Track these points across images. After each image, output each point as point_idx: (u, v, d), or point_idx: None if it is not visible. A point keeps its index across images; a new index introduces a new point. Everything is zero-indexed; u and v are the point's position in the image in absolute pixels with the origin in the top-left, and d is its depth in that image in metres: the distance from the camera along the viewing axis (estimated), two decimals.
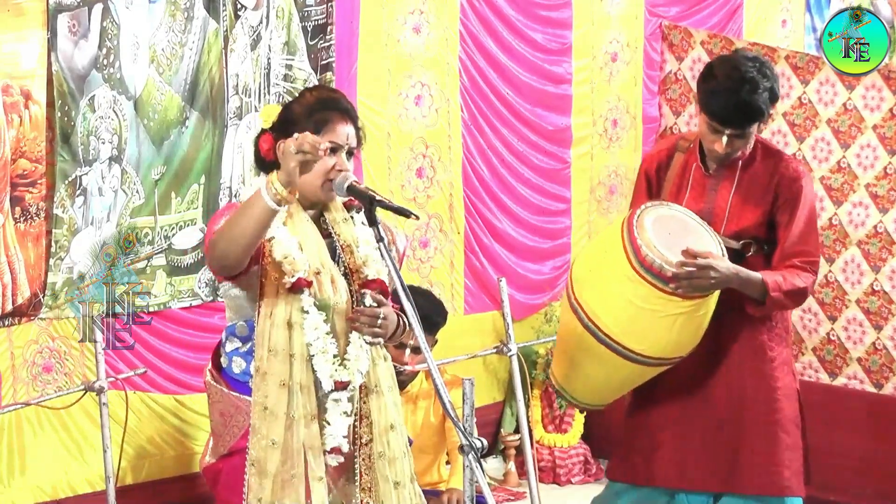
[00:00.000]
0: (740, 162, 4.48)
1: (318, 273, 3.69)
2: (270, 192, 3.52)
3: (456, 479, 6.04)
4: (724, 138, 4.37)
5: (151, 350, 5.65)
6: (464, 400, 4.70)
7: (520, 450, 6.48)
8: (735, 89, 4.34)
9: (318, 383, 3.70)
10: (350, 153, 3.74)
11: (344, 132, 3.72)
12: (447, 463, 6.27)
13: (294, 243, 3.68)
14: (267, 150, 3.75)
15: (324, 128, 3.70)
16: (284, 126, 3.73)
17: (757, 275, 4.35)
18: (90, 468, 5.54)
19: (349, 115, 3.76)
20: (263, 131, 3.78)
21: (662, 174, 4.58)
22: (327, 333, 3.68)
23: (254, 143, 3.85)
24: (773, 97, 4.42)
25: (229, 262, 3.62)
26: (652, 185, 4.60)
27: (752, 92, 4.34)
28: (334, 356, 3.69)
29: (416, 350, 5.70)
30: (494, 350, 5.86)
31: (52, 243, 5.27)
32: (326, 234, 3.80)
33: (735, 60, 4.44)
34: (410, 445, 3.91)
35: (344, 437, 3.72)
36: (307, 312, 3.67)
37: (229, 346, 3.78)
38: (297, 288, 3.66)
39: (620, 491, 4.67)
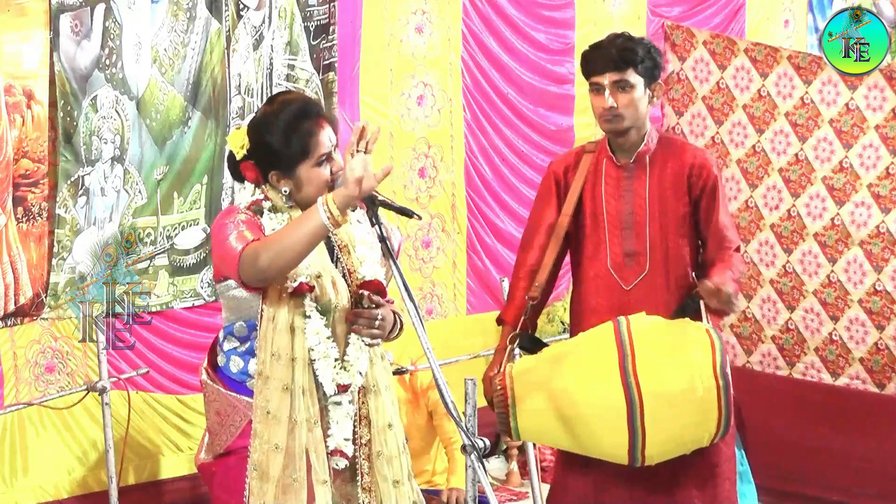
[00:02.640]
0: (647, 157, 4.52)
1: (318, 277, 3.69)
2: (326, 214, 3.48)
3: (457, 478, 6.04)
4: (606, 91, 4.43)
5: (154, 350, 5.65)
6: (466, 400, 4.71)
7: (522, 450, 6.47)
8: (609, 40, 4.52)
9: (319, 387, 3.70)
10: (335, 147, 3.72)
11: (326, 138, 3.68)
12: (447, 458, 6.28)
13: None
14: (255, 178, 3.72)
15: (309, 144, 3.65)
16: (267, 156, 3.66)
17: (720, 274, 4.40)
18: (92, 468, 5.54)
19: (321, 115, 3.71)
20: (239, 159, 3.71)
21: (571, 175, 4.58)
22: (328, 338, 3.68)
23: (230, 166, 3.79)
24: (653, 58, 4.50)
25: (272, 275, 3.58)
26: (560, 185, 4.58)
27: (626, 39, 4.50)
28: (336, 360, 3.69)
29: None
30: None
31: (55, 243, 5.28)
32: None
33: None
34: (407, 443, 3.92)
35: (347, 439, 3.71)
36: (309, 317, 3.66)
37: (227, 346, 3.78)
38: (299, 292, 3.65)
39: None
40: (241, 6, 5.75)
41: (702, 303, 4.42)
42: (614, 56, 4.44)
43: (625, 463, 4.28)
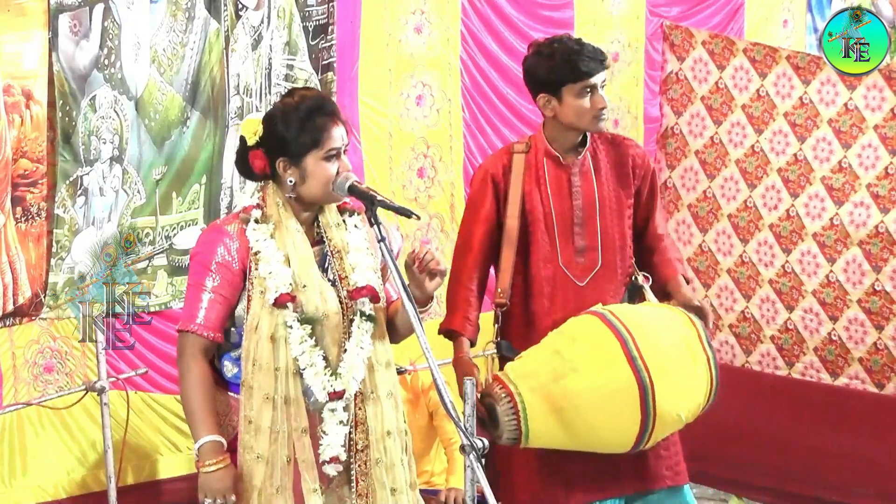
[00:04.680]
0: (590, 154, 4.62)
1: (304, 286, 3.69)
2: (195, 449, 3.73)
3: (456, 478, 6.04)
4: (601, 91, 4.53)
5: (153, 350, 5.65)
6: (465, 400, 4.70)
7: None
8: (577, 42, 4.58)
9: (308, 396, 3.70)
10: (344, 150, 3.74)
11: (339, 135, 3.71)
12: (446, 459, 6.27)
13: (279, 258, 3.68)
14: (262, 167, 3.74)
15: (321, 139, 3.68)
16: (277, 143, 3.70)
17: (680, 279, 4.64)
18: (91, 468, 5.54)
19: (337, 114, 3.74)
20: (250, 146, 3.74)
21: (508, 178, 4.59)
22: (313, 347, 3.68)
23: (238, 155, 3.82)
24: None
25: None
26: (498, 186, 4.58)
27: (583, 41, 4.62)
28: (324, 368, 3.69)
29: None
30: (496, 350, 5.83)
31: (54, 243, 5.27)
32: (319, 240, 3.79)
33: (551, 37, 4.68)
34: None
35: (341, 446, 3.72)
36: (290, 327, 3.67)
37: (223, 349, 3.80)
38: (281, 303, 3.66)
39: None
40: (240, 6, 5.75)
41: (645, 286, 4.59)
42: (602, 56, 4.54)
43: (628, 449, 4.34)
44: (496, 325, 4.58)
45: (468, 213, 4.64)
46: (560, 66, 4.51)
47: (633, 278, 4.64)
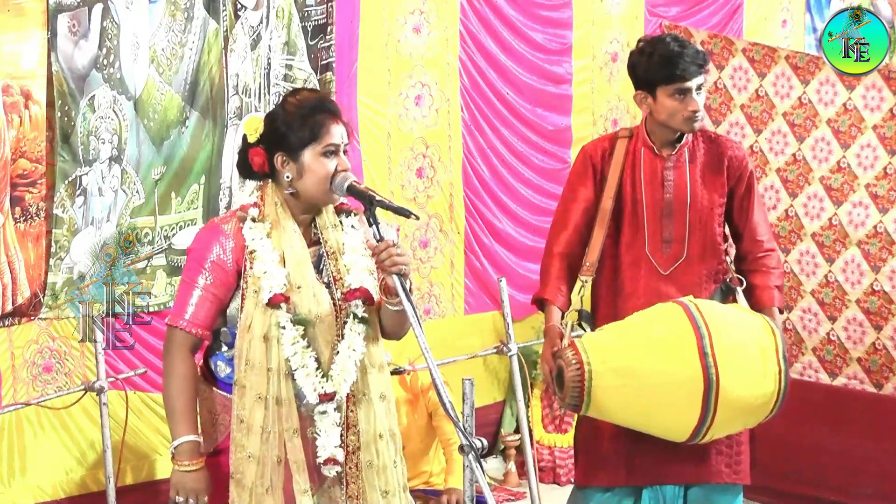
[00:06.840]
0: (686, 149, 4.71)
1: (299, 287, 3.69)
2: (173, 447, 3.72)
3: (455, 478, 6.04)
4: (695, 93, 4.58)
5: (152, 350, 5.65)
6: (464, 400, 4.71)
7: (520, 450, 6.48)
8: (681, 45, 4.62)
9: (300, 397, 3.70)
10: (344, 151, 3.75)
11: (338, 133, 3.72)
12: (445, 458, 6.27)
13: (275, 257, 3.68)
14: (261, 163, 3.74)
15: (320, 133, 3.69)
16: (277, 138, 3.71)
17: (775, 310, 4.75)
18: (90, 468, 5.54)
19: (338, 114, 3.76)
20: (251, 144, 3.76)
21: (607, 162, 4.73)
22: (306, 348, 3.68)
23: (240, 154, 3.83)
24: None
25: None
26: (596, 169, 4.73)
27: (687, 43, 4.67)
28: (316, 369, 3.69)
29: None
30: (495, 350, 5.85)
31: (52, 243, 5.27)
32: (315, 241, 3.79)
33: (655, 36, 4.80)
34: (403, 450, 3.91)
35: (337, 447, 3.72)
36: (283, 328, 3.67)
37: (215, 349, 3.81)
38: (274, 303, 3.66)
39: (587, 495, 4.75)
40: (239, 6, 5.75)
41: (738, 289, 4.70)
42: (701, 61, 4.61)
43: (683, 440, 4.43)
44: (579, 296, 4.69)
45: (566, 193, 4.81)
46: (657, 67, 4.61)
47: (727, 279, 4.74)
